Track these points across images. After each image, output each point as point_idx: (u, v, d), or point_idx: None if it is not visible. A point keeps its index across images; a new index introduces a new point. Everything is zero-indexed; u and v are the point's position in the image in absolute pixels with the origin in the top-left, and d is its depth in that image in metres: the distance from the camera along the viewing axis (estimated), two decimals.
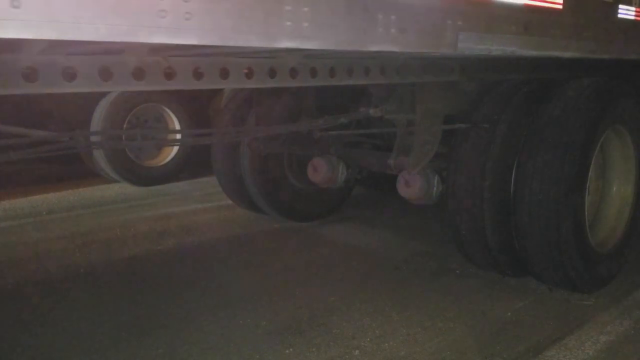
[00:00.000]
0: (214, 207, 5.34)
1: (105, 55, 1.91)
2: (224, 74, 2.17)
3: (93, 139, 3.95)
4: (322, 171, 4.07)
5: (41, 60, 1.77)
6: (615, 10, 3.09)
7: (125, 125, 5.83)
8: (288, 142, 4.12)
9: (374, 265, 3.84)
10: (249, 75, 2.24)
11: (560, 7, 2.66)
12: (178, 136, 5.80)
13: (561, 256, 3.06)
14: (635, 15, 3.20)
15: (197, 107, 6.56)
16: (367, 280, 3.57)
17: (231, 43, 1.62)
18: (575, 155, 3.02)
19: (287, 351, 2.72)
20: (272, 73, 2.32)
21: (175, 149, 6.34)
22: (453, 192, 3.34)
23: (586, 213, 3.16)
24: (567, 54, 2.83)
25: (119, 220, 4.93)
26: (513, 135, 3.20)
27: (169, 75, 2.02)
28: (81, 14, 1.32)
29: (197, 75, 2.09)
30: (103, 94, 5.51)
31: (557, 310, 3.15)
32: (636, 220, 3.59)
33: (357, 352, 2.71)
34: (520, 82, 3.44)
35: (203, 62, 2.10)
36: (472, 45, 2.30)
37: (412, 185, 3.53)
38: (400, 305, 3.19)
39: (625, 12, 3.14)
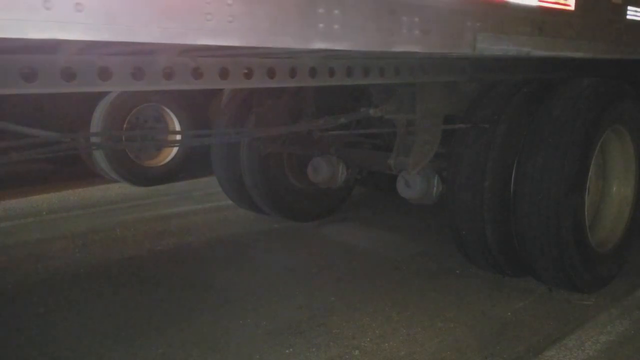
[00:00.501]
0: (214, 207, 5.34)
1: (137, 56, 1.96)
2: (249, 73, 2.26)
3: (93, 139, 3.96)
4: (322, 171, 4.07)
5: (78, 61, 1.84)
6: (624, 12, 3.13)
7: (125, 126, 5.83)
8: (288, 142, 4.12)
9: (374, 265, 3.84)
10: (271, 74, 2.32)
11: (572, 8, 2.73)
12: (178, 137, 5.80)
13: (561, 256, 3.06)
14: None
15: (196, 107, 6.56)
16: (367, 280, 3.57)
17: (269, 44, 1.72)
18: (575, 155, 3.02)
19: (287, 351, 2.72)
20: (293, 73, 2.39)
21: (175, 149, 6.34)
22: (453, 192, 3.34)
23: (586, 213, 3.16)
24: (579, 54, 2.89)
25: (119, 220, 4.94)
26: (513, 135, 3.20)
27: (198, 75, 2.10)
28: (136, 17, 1.42)
29: (224, 74, 2.17)
30: (103, 94, 5.52)
31: (557, 310, 3.15)
32: (636, 220, 3.59)
33: (357, 352, 2.71)
34: (520, 82, 3.44)
35: (229, 63, 2.18)
36: (489, 45, 2.38)
37: (412, 185, 3.53)
38: (400, 305, 3.19)
39: (634, 13, 3.19)
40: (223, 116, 4.65)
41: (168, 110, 6.32)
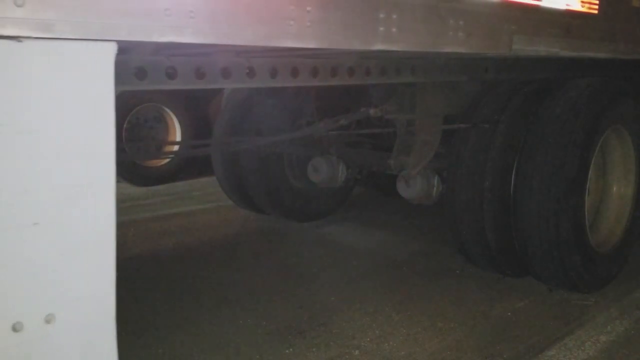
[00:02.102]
0: (214, 207, 5.34)
1: (199, 57, 2.11)
2: (295, 73, 2.39)
3: None
4: (322, 171, 4.07)
5: (149, 61, 2.00)
6: None
7: (125, 125, 5.83)
8: (288, 142, 4.12)
9: (374, 265, 3.84)
10: (315, 73, 2.47)
11: (596, 12, 2.92)
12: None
13: (561, 256, 3.06)
14: None
15: (197, 107, 6.57)
16: (368, 280, 3.57)
17: (340, 46, 1.90)
18: (575, 155, 3.02)
19: (287, 351, 2.72)
20: (334, 72, 2.54)
21: (175, 149, 6.35)
22: (453, 192, 3.34)
23: (586, 213, 3.16)
24: (601, 55, 3.08)
25: (119, 220, 4.91)
26: (513, 135, 3.20)
27: (250, 74, 2.24)
28: (234, 23, 1.61)
29: (273, 73, 2.31)
30: None
31: (557, 310, 3.15)
32: (636, 220, 3.59)
33: (357, 352, 2.71)
34: (520, 82, 3.45)
35: (278, 63, 2.33)
36: (523, 46, 2.57)
37: (412, 185, 3.53)
38: (400, 305, 3.20)
39: None
40: (223, 116, 4.65)
41: (168, 110, 6.33)
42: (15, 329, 1.33)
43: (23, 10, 1.21)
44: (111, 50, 1.37)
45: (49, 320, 1.38)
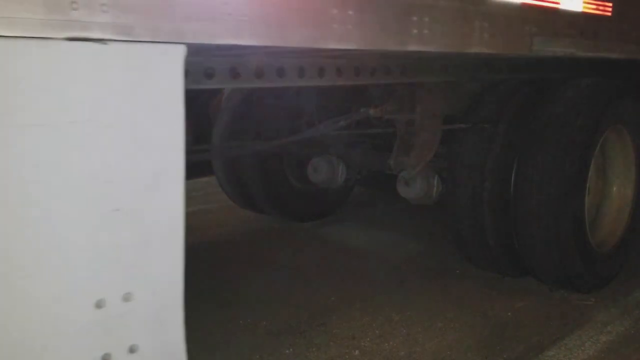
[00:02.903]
0: (214, 207, 5.34)
1: (234, 57, 2.21)
2: (321, 72, 2.48)
3: None
4: (322, 171, 4.07)
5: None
6: None
7: None
8: (288, 142, 4.11)
9: (374, 265, 3.84)
10: (339, 73, 2.56)
11: (610, 14, 3.06)
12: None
13: (561, 256, 3.06)
14: None
15: (197, 106, 6.55)
16: (367, 280, 3.57)
17: (377, 47, 2.01)
18: (575, 155, 3.02)
19: (287, 351, 2.72)
20: (357, 72, 2.63)
21: None
22: (453, 192, 3.34)
23: (586, 213, 3.16)
24: (614, 55, 3.21)
25: None
26: (513, 135, 3.20)
27: (281, 73, 2.34)
28: (285, 27, 1.74)
29: (301, 73, 2.40)
30: None
31: (557, 310, 3.15)
32: (636, 220, 3.59)
33: (357, 352, 2.71)
34: (520, 82, 3.45)
35: (306, 62, 2.42)
36: (543, 47, 2.69)
37: (412, 185, 3.53)
38: (400, 305, 3.19)
39: None
40: (222, 116, 4.65)
41: None
42: (99, 305, 1.45)
43: (108, 15, 1.34)
44: (181, 51, 1.49)
45: (127, 298, 1.50)
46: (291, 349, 2.74)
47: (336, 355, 2.69)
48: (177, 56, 1.49)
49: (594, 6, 2.93)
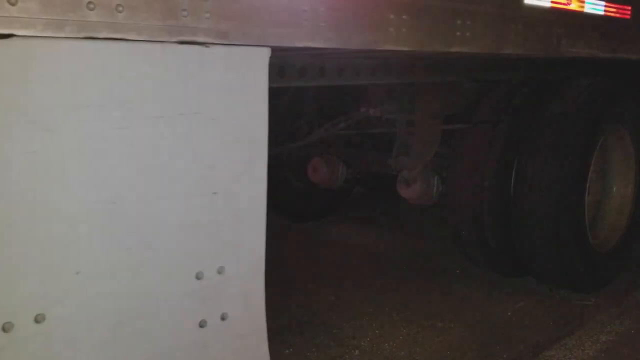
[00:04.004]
0: None
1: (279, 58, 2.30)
2: (357, 72, 2.62)
3: None
4: (322, 171, 4.07)
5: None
6: None
7: None
8: (288, 142, 4.11)
9: (374, 265, 3.84)
10: (373, 72, 2.69)
11: (629, 17, 3.20)
12: None
13: (561, 256, 3.06)
14: None
15: None
16: (367, 280, 3.57)
17: (425, 48, 2.16)
18: (575, 155, 3.02)
19: (287, 351, 2.72)
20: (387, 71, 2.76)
21: None
22: (453, 192, 3.34)
23: (586, 213, 3.16)
24: (632, 57, 3.34)
25: None
26: (513, 135, 3.20)
27: (322, 73, 2.49)
28: (349, 30, 1.88)
29: (340, 72, 2.53)
30: None
31: (557, 310, 3.15)
32: (636, 220, 3.59)
33: (357, 352, 2.71)
34: (520, 82, 3.44)
35: (343, 62, 2.54)
36: (568, 48, 2.84)
37: (412, 185, 3.53)
38: (400, 305, 3.19)
39: None
40: None
41: None
42: (198, 277, 1.64)
43: (210, 22, 1.53)
44: (266, 53, 1.69)
45: (220, 271, 1.69)
46: (291, 349, 2.74)
47: (336, 355, 2.69)
48: (263, 57, 1.68)
49: (614, 9, 3.09)
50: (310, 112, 4.04)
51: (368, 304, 3.21)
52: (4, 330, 1.33)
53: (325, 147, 3.99)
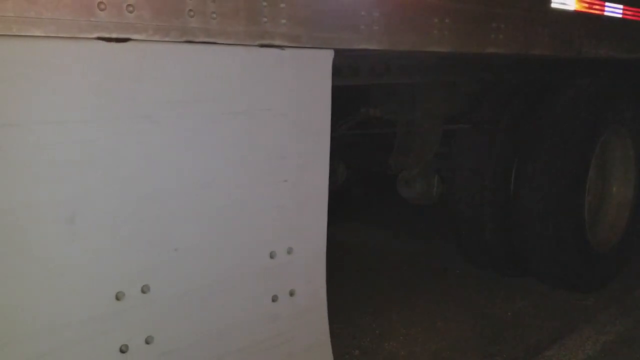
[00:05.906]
0: None
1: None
2: (388, 70, 2.72)
3: None
4: None
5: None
6: None
7: None
8: None
9: (374, 265, 3.84)
10: (403, 70, 2.80)
11: None
12: None
13: (561, 256, 3.06)
14: None
15: None
16: (367, 280, 3.57)
17: (463, 50, 2.30)
18: (575, 155, 3.02)
19: None
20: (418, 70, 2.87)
21: None
22: (453, 192, 3.34)
23: (586, 213, 3.16)
24: None
25: None
26: (513, 135, 3.20)
27: (355, 72, 2.60)
28: (397, 32, 2.04)
29: (372, 72, 2.64)
30: None
31: (557, 310, 3.15)
32: (636, 220, 3.59)
33: (357, 352, 2.71)
34: (520, 82, 3.44)
35: (375, 62, 2.62)
36: (589, 49, 2.99)
37: (412, 186, 3.53)
38: (400, 305, 3.19)
39: None
40: None
41: None
42: (272, 256, 1.85)
43: (285, 27, 1.71)
44: (330, 55, 1.87)
45: (289, 251, 1.89)
46: None
47: (336, 355, 2.68)
48: (328, 58, 1.87)
49: (631, 12, 3.26)
50: None
51: (368, 303, 3.21)
52: (117, 298, 1.52)
53: None
